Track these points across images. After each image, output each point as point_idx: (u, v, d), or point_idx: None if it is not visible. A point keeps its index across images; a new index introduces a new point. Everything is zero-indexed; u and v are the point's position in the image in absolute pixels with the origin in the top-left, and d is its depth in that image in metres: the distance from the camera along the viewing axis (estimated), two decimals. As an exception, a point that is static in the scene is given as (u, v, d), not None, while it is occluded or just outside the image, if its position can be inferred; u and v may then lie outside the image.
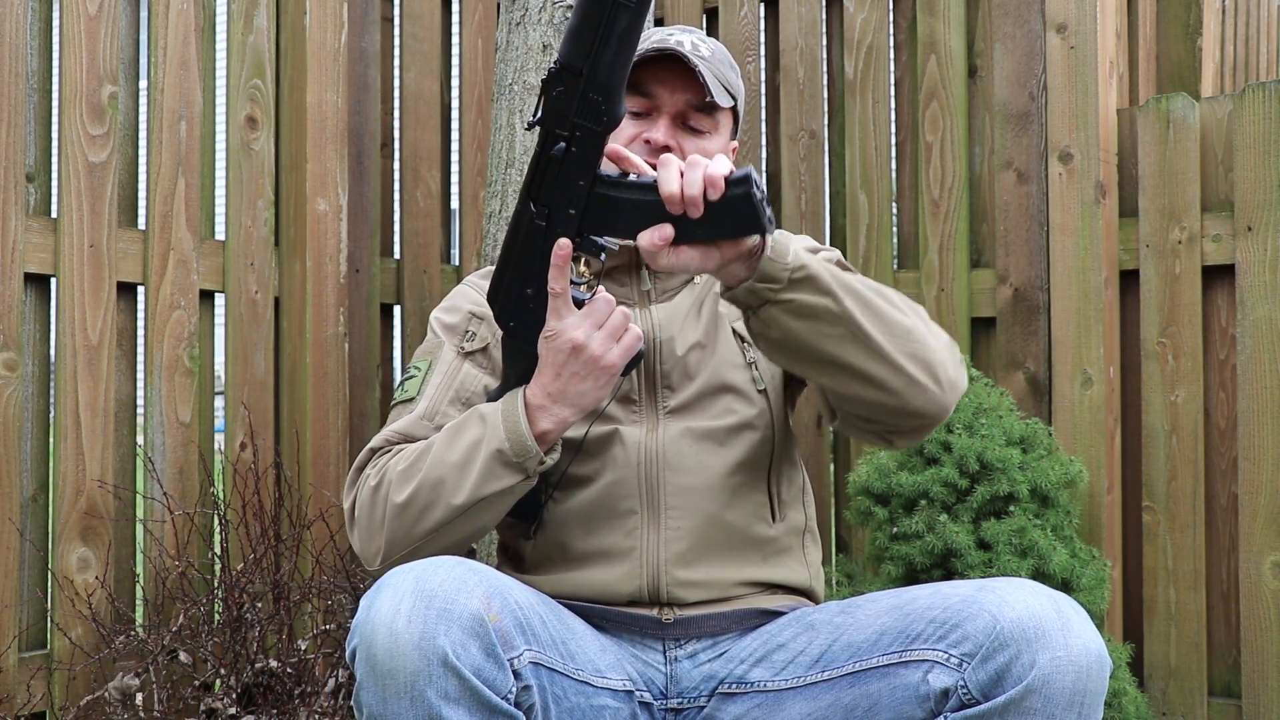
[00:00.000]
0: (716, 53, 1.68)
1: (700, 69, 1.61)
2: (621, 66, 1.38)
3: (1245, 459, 2.66)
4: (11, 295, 2.41)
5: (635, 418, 1.64)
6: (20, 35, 2.43)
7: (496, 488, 1.49)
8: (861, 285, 1.49)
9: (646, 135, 1.64)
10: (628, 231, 1.45)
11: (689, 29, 1.70)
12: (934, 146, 3.07)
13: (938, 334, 1.56)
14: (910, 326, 1.51)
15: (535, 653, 1.41)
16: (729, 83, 1.67)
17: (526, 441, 1.48)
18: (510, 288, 1.52)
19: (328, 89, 2.92)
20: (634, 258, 1.70)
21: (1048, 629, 1.35)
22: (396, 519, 1.52)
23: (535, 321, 1.51)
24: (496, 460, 1.48)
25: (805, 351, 1.48)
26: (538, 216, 1.46)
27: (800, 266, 1.43)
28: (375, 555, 1.55)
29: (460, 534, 1.53)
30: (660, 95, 1.64)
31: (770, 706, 1.54)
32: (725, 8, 3.38)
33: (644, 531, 1.60)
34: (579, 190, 1.44)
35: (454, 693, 1.31)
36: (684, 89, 1.64)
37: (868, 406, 1.53)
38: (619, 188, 1.45)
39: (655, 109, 1.65)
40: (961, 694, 1.38)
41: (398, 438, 1.62)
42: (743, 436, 1.65)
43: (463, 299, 1.76)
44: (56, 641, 2.44)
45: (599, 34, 1.36)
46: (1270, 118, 2.67)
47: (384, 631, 1.32)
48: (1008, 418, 2.59)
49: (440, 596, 1.32)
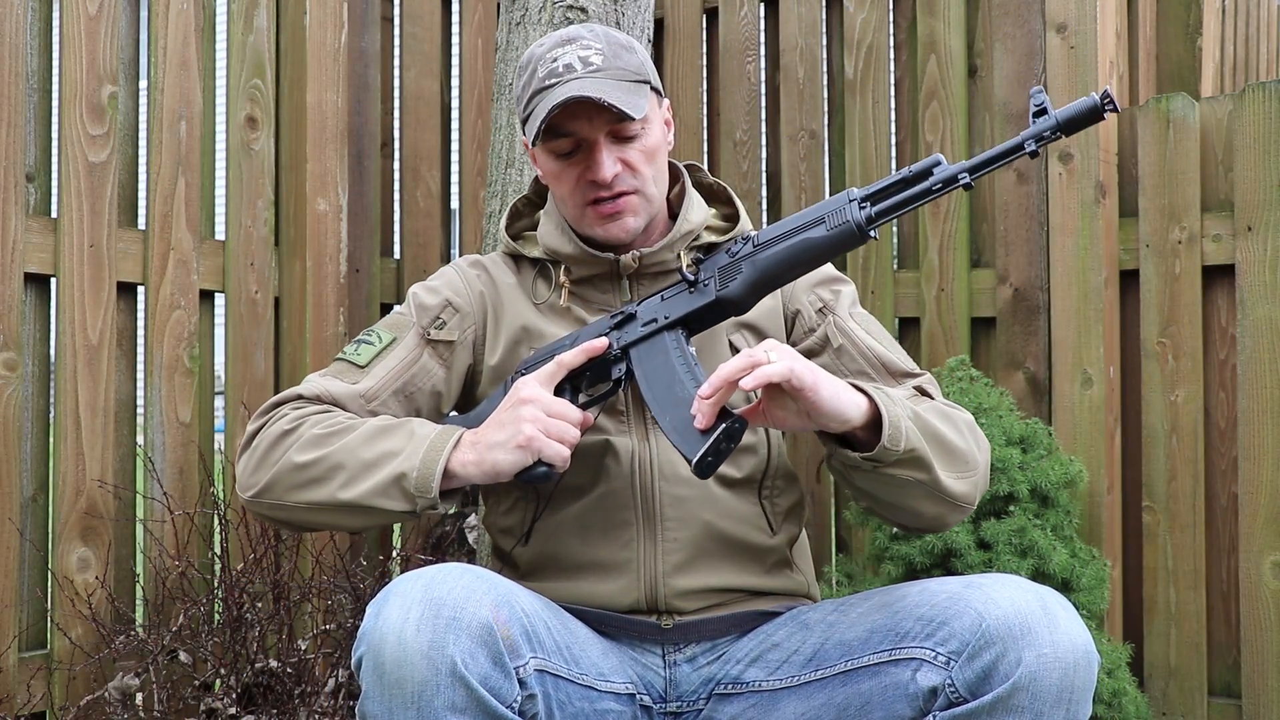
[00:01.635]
0: (607, 48, 1.61)
1: (602, 95, 1.55)
2: (782, 258, 1.51)
3: (1245, 459, 2.66)
4: (11, 295, 2.41)
5: (624, 428, 1.63)
6: (20, 35, 2.43)
7: (383, 505, 1.48)
8: (939, 423, 1.52)
9: (590, 176, 1.60)
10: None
11: (570, 38, 1.62)
12: (934, 146, 3.07)
13: (983, 446, 1.59)
14: (967, 454, 1.55)
15: (541, 660, 1.40)
16: (635, 71, 1.61)
17: (431, 483, 1.46)
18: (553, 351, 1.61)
19: (328, 89, 2.92)
20: (613, 268, 1.68)
21: (1034, 625, 1.35)
22: (287, 474, 1.52)
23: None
24: (395, 482, 1.47)
25: (878, 496, 1.53)
26: (619, 323, 1.58)
27: (910, 450, 1.45)
28: (251, 489, 1.55)
29: (327, 522, 1.52)
30: (580, 129, 1.59)
31: (765, 706, 1.54)
32: (725, 8, 3.38)
33: (640, 544, 1.59)
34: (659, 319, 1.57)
35: (461, 703, 1.31)
36: (598, 114, 1.58)
37: (906, 521, 1.59)
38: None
39: (581, 142, 1.61)
40: (949, 692, 1.38)
41: (329, 399, 1.60)
42: (739, 460, 1.65)
43: (446, 285, 1.73)
44: (56, 641, 2.44)
45: (803, 227, 1.49)
46: (1270, 118, 2.66)
47: (392, 640, 1.31)
48: (1008, 418, 2.59)
49: (449, 605, 1.32)
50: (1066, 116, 1.43)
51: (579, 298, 1.69)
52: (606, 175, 1.59)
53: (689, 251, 1.68)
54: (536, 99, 1.60)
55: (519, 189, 2.49)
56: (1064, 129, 1.43)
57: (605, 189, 1.60)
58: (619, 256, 1.66)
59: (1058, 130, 1.42)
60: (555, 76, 1.58)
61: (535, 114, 1.59)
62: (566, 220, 1.69)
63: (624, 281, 1.69)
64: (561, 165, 1.62)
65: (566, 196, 1.64)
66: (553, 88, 1.58)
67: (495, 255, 1.79)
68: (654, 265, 1.67)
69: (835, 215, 1.47)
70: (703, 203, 1.74)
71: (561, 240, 1.69)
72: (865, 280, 3.11)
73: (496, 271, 1.75)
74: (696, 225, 1.69)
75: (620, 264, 1.66)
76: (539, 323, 1.68)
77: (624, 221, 1.63)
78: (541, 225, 1.74)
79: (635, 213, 1.64)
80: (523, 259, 1.75)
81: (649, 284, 1.68)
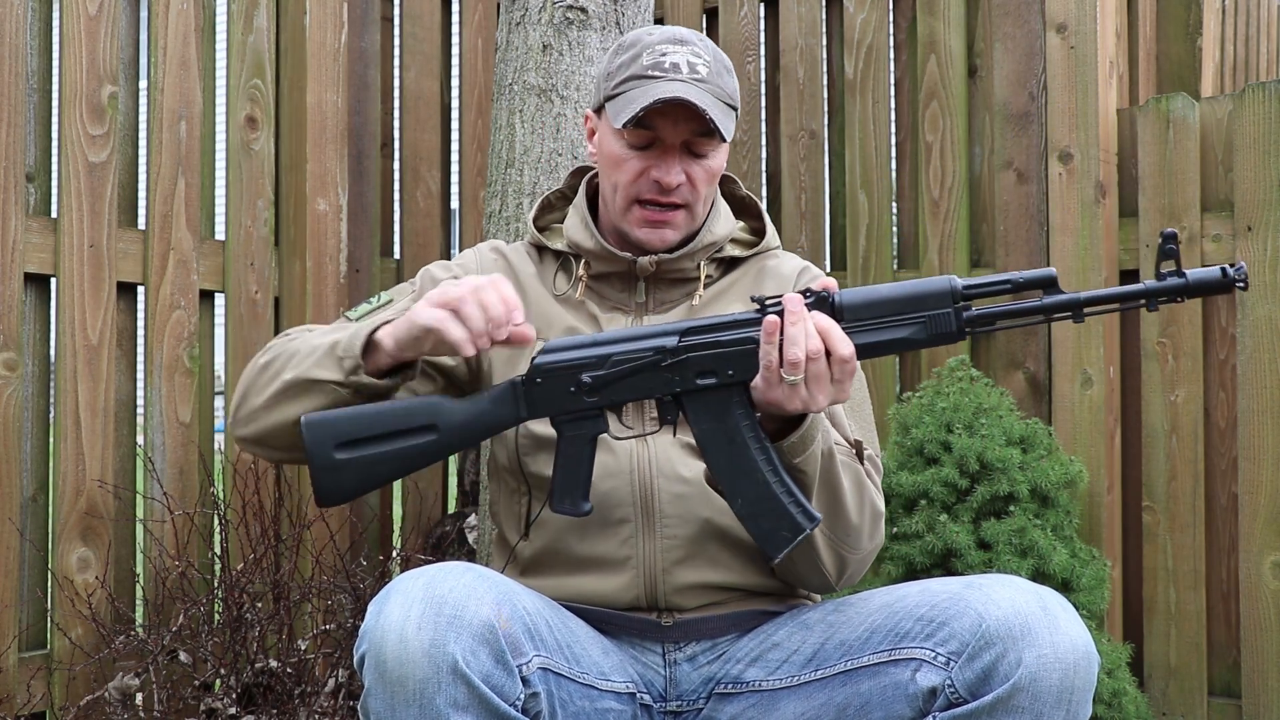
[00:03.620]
0: (714, 63, 1.64)
1: (705, 107, 1.57)
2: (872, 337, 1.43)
3: (1245, 459, 2.66)
4: (11, 295, 2.41)
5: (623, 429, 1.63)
6: (20, 35, 2.43)
7: (316, 375, 1.48)
8: (845, 482, 1.54)
9: (656, 175, 1.62)
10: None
11: (683, 39, 1.65)
12: (934, 146, 3.07)
13: (875, 539, 1.61)
14: (854, 527, 1.56)
15: (543, 658, 1.40)
16: (730, 96, 1.64)
17: (355, 344, 1.47)
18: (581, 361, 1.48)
19: (328, 89, 2.92)
20: (631, 268, 1.69)
21: (1034, 626, 1.35)
22: (253, 376, 1.57)
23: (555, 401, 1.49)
24: (330, 352, 1.49)
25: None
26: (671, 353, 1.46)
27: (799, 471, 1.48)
28: (233, 414, 1.58)
29: (285, 413, 1.51)
30: (663, 129, 1.61)
31: (765, 706, 1.54)
32: (725, 8, 3.38)
33: (639, 540, 1.59)
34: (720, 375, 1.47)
35: (463, 700, 1.31)
36: (688, 120, 1.61)
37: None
38: None
39: (657, 139, 1.62)
40: (949, 693, 1.38)
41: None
42: None
43: (461, 265, 1.75)
44: (56, 641, 2.44)
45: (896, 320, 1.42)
46: (1270, 118, 2.66)
47: (394, 638, 1.31)
48: (1008, 418, 2.59)
49: (451, 603, 1.32)
50: (1198, 280, 1.37)
51: (595, 293, 1.70)
52: (674, 181, 1.62)
53: (709, 263, 1.70)
54: (636, 85, 1.61)
55: (519, 189, 2.49)
56: (1189, 293, 1.37)
57: (664, 194, 1.63)
58: (637, 258, 1.67)
59: (1184, 294, 1.38)
60: (661, 70, 1.60)
61: (632, 98, 1.60)
62: (604, 208, 1.71)
63: (640, 283, 1.70)
64: (630, 154, 1.63)
65: (621, 185, 1.65)
66: (657, 80, 1.59)
67: (519, 245, 1.80)
68: (672, 272, 1.69)
69: (935, 321, 1.41)
70: (730, 215, 1.76)
71: (584, 235, 1.70)
72: (865, 280, 3.11)
73: (517, 259, 1.75)
74: (720, 238, 1.71)
75: (637, 265, 1.67)
76: (555, 313, 1.69)
77: (665, 233, 1.65)
78: (568, 218, 1.75)
79: (678, 228, 1.66)
80: (545, 250, 1.76)
81: (665, 289, 1.70)
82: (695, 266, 1.70)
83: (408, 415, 1.47)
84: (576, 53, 2.48)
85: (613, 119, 1.61)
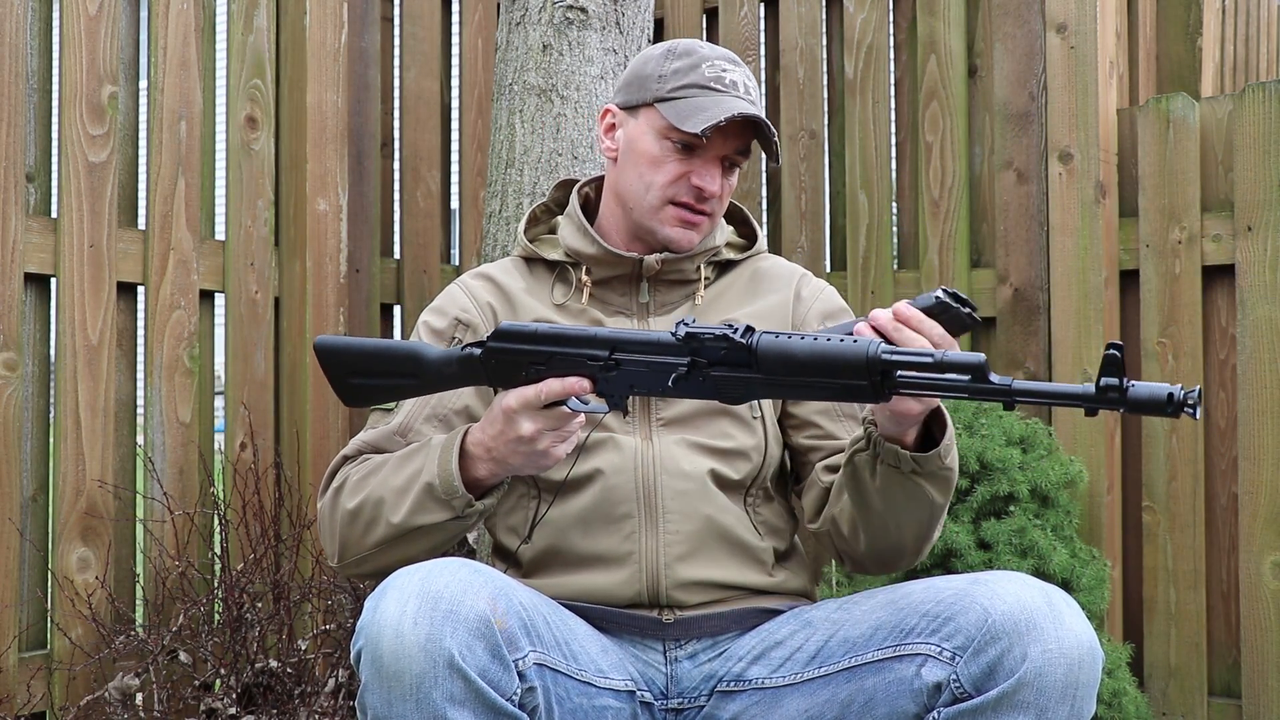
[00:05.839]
0: (757, 91, 1.71)
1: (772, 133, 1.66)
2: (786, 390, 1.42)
3: (1245, 459, 2.66)
4: (11, 295, 2.41)
5: (629, 428, 1.65)
6: (20, 35, 2.43)
7: (427, 520, 1.53)
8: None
9: (697, 181, 1.66)
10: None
11: (736, 60, 1.70)
12: (934, 146, 3.07)
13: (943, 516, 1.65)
14: (942, 514, 1.60)
15: (540, 654, 1.41)
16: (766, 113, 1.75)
17: (454, 482, 1.51)
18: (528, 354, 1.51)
19: (328, 89, 2.92)
20: (635, 269, 1.71)
21: (1039, 621, 1.36)
22: (347, 526, 1.59)
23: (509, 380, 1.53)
24: (427, 494, 1.52)
25: (884, 506, 1.55)
26: (605, 367, 1.48)
27: (949, 470, 1.52)
28: (333, 555, 1.63)
29: (406, 554, 1.55)
30: (716, 140, 1.66)
31: (768, 703, 1.54)
32: (725, 8, 3.38)
33: (642, 535, 1.60)
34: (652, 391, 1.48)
35: (460, 695, 1.31)
36: (738, 137, 1.67)
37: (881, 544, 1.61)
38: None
39: (702, 146, 1.66)
40: (954, 688, 1.39)
41: (368, 448, 1.66)
42: (736, 463, 1.66)
43: (451, 303, 1.76)
44: (56, 641, 2.44)
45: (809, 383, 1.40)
46: (1270, 118, 2.66)
47: (390, 633, 1.32)
48: (1008, 417, 2.60)
49: (446, 598, 1.33)
50: (1137, 399, 1.27)
51: (598, 300, 1.72)
52: (716, 189, 1.67)
53: (708, 265, 1.75)
54: (702, 94, 1.65)
55: (519, 189, 2.49)
56: (1130, 407, 1.28)
57: (700, 200, 1.68)
58: (643, 257, 1.70)
59: (1121, 407, 1.29)
60: (723, 85, 1.66)
61: (701, 105, 1.64)
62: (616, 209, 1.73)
63: (643, 284, 1.72)
64: (670, 156, 1.67)
65: (657, 185, 1.68)
66: (724, 94, 1.65)
67: (505, 262, 1.80)
68: (673, 273, 1.72)
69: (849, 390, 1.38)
70: (723, 223, 1.81)
71: (584, 242, 1.72)
72: (865, 280, 3.11)
73: (505, 279, 1.76)
74: (719, 243, 1.77)
75: (644, 264, 1.70)
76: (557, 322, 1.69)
77: (692, 234, 1.71)
78: (562, 228, 1.77)
79: (703, 231, 1.72)
80: (537, 262, 1.77)
81: (666, 290, 1.73)
82: (695, 269, 1.73)
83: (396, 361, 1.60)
84: (576, 53, 2.48)
85: (677, 121, 1.64)
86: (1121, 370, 1.27)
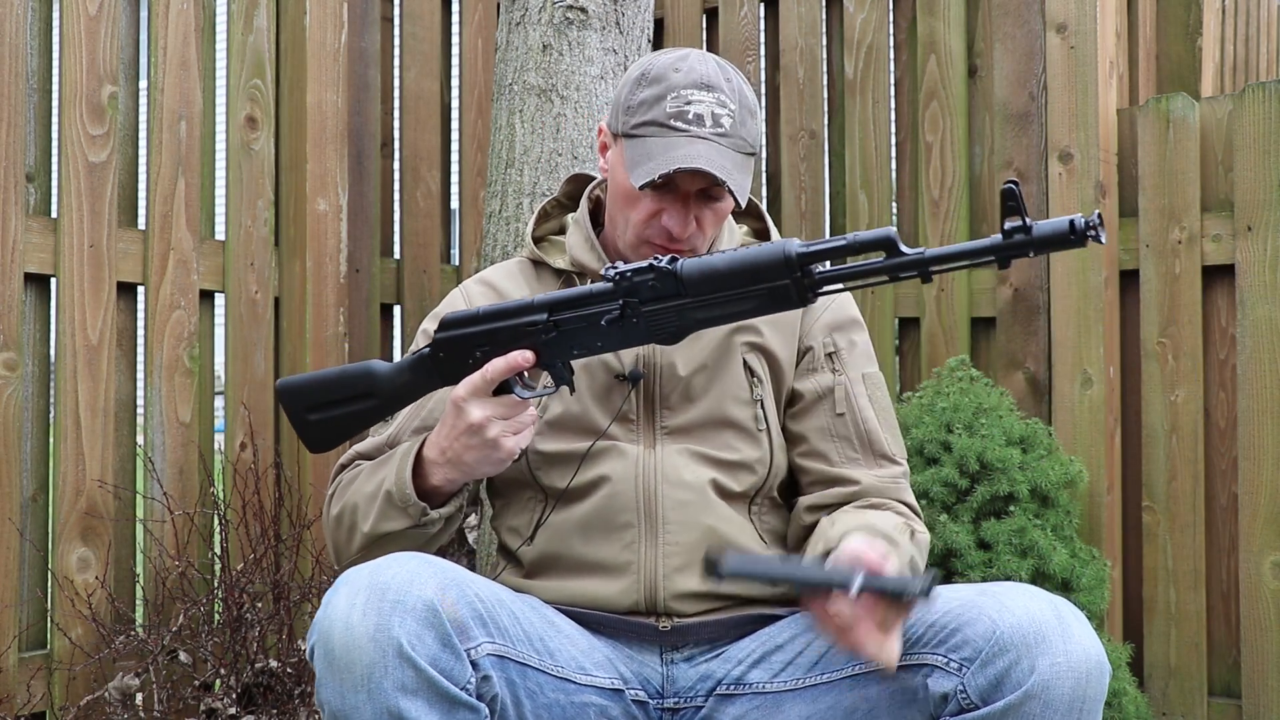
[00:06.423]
0: (738, 110, 1.60)
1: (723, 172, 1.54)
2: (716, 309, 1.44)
3: (1245, 459, 2.66)
4: (11, 295, 2.41)
5: (633, 436, 1.64)
6: (20, 35, 2.43)
7: (391, 528, 1.57)
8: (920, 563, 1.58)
9: (667, 224, 1.60)
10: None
11: (710, 84, 1.59)
12: (934, 146, 3.07)
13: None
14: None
15: (497, 645, 1.41)
16: (750, 144, 1.61)
17: (406, 490, 1.54)
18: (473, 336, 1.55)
19: (328, 89, 2.92)
20: None
21: (1048, 634, 1.35)
22: (334, 532, 1.65)
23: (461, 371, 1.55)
24: (388, 502, 1.56)
25: None
26: (545, 330, 1.51)
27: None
28: (333, 559, 1.68)
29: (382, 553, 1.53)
30: (680, 179, 1.58)
31: (768, 708, 1.54)
32: (725, 8, 3.38)
33: (641, 545, 1.60)
34: (592, 349, 1.51)
35: (411, 684, 1.32)
36: (704, 177, 1.57)
37: None
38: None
39: (671, 184, 1.59)
40: (960, 699, 1.38)
41: (360, 457, 1.70)
42: (739, 475, 1.65)
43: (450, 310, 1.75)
44: (56, 641, 2.44)
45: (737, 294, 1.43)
46: (1270, 118, 2.66)
47: (340, 625, 1.34)
48: (1008, 418, 2.59)
49: (394, 588, 1.35)
50: (1042, 235, 1.30)
51: None
52: (685, 233, 1.61)
53: None
54: (656, 134, 1.57)
55: (519, 189, 2.49)
56: (1037, 247, 1.31)
57: (672, 242, 1.62)
58: None
59: (1030, 249, 1.31)
60: (685, 122, 1.57)
61: (650, 151, 1.57)
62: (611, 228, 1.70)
63: None
64: (643, 194, 1.61)
65: (632, 222, 1.63)
66: (679, 136, 1.56)
67: (510, 265, 1.78)
68: None
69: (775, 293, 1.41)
70: (734, 225, 1.76)
71: (590, 255, 1.70)
72: (865, 280, 3.11)
73: (509, 285, 1.74)
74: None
75: None
76: None
77: None
78: (570, 235, 1.74)
79: None
80: (544, 267, 1.75)
81: None
82: None
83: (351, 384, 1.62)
84: (576, 53, 2.48)
85: (628, 167, 1.59)
86: (1020, 205, 1.29)
